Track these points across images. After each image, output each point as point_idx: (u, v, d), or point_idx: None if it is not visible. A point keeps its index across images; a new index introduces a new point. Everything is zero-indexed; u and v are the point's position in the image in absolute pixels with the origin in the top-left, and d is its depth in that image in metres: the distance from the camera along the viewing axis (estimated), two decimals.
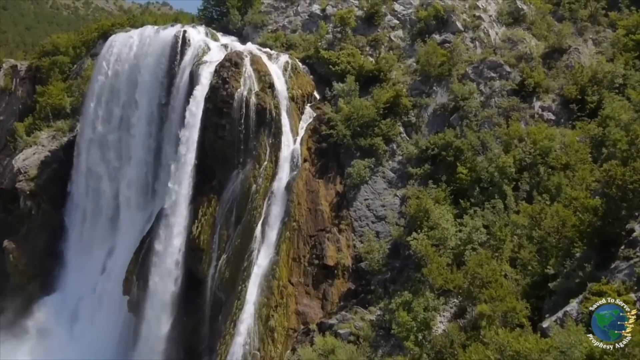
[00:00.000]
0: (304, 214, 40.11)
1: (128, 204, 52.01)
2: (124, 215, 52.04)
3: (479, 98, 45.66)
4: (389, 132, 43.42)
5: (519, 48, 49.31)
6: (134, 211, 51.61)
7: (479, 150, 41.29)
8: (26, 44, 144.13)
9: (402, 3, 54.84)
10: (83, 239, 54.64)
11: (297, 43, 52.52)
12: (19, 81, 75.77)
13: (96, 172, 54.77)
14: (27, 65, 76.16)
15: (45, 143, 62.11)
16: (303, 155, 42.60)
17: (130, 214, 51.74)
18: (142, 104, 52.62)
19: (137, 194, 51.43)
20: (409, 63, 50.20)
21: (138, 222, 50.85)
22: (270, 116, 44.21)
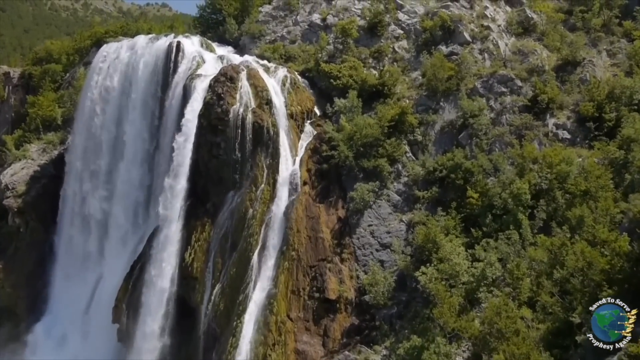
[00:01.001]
0: (304, 242, 36.95)
1: (119, 225, 48.80)
2: (114, 237, 48.84)
3: (489, 114, 42.49)
4: (394, 153, 40.29)
5: (530, 60, 46.10)
6: (125, 233, 48.44)
7: (490, 173, 38.11)
8: (23, 47, 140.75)
9: (407, 12, 51.62)
10: (72, 260, 51.43)
11: (297, 55, 49.27)
12: (12, 89, 72.67)
13: (86, 190, 51.45)
14: (20, 73, 73.05)
15: (35, 157, 58.87)
16: (302, 178, 39.42)
17: (121, 235, 48.57)
18: (134, 118, 49.42)
19: (128, 214, 48.24)
20: (414, 76, 46.98)
21: (129, 244, 47.73)
22: (267, 135, 41.03)
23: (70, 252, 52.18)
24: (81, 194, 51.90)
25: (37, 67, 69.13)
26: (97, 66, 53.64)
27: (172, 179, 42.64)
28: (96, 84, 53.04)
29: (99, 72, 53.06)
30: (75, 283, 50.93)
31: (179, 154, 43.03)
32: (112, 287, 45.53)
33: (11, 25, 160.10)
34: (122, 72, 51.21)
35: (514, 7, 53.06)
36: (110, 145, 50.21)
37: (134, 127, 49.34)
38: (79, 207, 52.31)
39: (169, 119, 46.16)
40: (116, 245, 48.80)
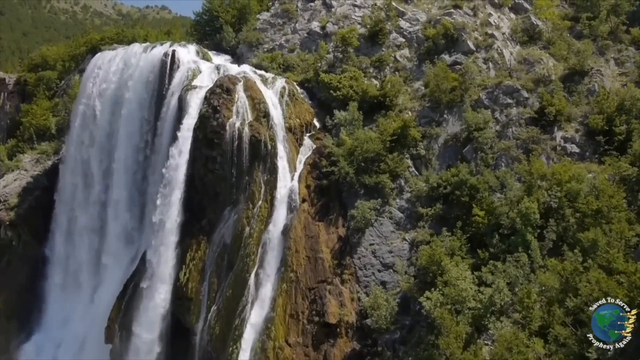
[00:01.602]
0: (303, 263, 35.15)
1: (113, 239, 46.97)
2: (108, 251, 47.01)
3: (495, 127, 40.67)
4: (396, 168, 38.47)
5: (536, 70, 44.27)
6: (119, 247, 46.64)
7: (497, 189, 36.32)
8: (22, 50, 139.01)
9: (408, 19, 49.79)
10: (65, 275, 49.73)
11: (295, 64, 47.45)
12: (7, 95, 71.09)
13: (79, 202, 49.68)
14: (16, 79, 71.37)
15: (29, 167, 57.11)
16: (301, 195, 37.61)
17: (115, 249, 46.74)
18: (128, 130, 47.63)
19: (123, 227, 46.44)
20: (416, 86, 45.14)
21: (123, 259, 45.96)
22: (265, 149, 39.24)
23: (63, 266, 50.52)
24: (74, 207, 50.10)
25: (32, 74, 67.42)
26: (91, 75, 51.98)
27: (167, 194, 40.88)
28: (90, 94, 51.35)
29: (92, 82, 51.37)
30: (68, 298, 49.30)
31: (174, 167, 41.32)
32: (105, 302, 43.83)
33: (10, 28, 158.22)
34: (116, 82, 49.48)
35: (518, 14, 51.32)
36: (103, 156, 48.50)
37: (128, 138, 47.60)
38: (73, 220, 50.60)
39: (164, 131, 44.39)
40: (110, 260, 47.03)
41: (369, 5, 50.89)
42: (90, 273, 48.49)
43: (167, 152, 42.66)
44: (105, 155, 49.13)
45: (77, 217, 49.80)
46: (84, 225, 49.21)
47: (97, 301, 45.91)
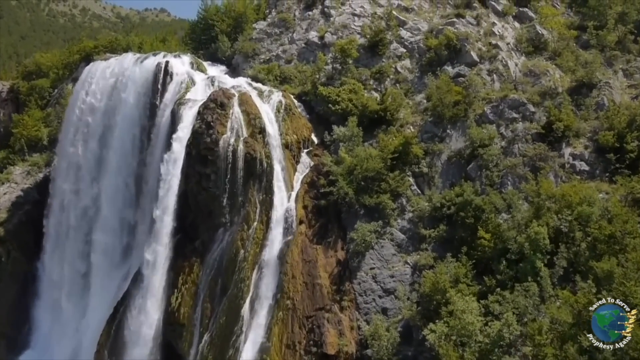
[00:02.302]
0: (300, 289, 33.15)
1: (105, 255, 44.87)
2: (100, 269, 44.89)
3: (500, 143, 38.76)
4: (398, 188, 36.47)
5: (543, 82, 42.40)
6: (111, 265, 44.56)
7: (503, 209, 34.36)
8: (19, 54, 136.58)
9: (409, 29, 47.81)
10: (55, 293, 47.52)
11: (293, 76, 45.47)
12: (0, 103, 68.87)
13: (70, 218, 47.60)
14: (9, 86, 69.13)
15: (19, 180, 55.00)
16: (298, 216, 35.63)
17: (107, 268, 44.65)
18: (120, 143, 45.61)
19: (115, 243, 44.36)
20: (418, 99, 43.17)
21: (115, 277, 43.88)
22: (260, 167, 37.30)
23: (53, 284, 48.30)
24: (65, 222, 48.04)
25: (24, 83, 65.26)
26: (83, 87, 49.97)
27: (159, 213, 38.88)
28: (81, 105, 49.33)
29: (84, 94, 49.34)
30: (59, 317, 47.21)
31: (166, 185, 39.35)
32: (96, 323, 41.89)
33: (8, 32, 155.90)
34: (109, 94, 47.52)
35: (523, 23, 49.36)
36: (94, 170, 46.46)
37: (119, 152, 45.61)
38: (63, 236, 48.49)
39: (157, 146, 42.51)
40: (102, 278, 44.95)
41: (368, 14, 48.91)
42: (81, 291, 46.32)
43: (159, 168, 40.71)
44: (97, 170, 47.11)
45: (67, 233, 47.68)
46: (74, 242, 47.09)
47: (87, 321, 43.91)
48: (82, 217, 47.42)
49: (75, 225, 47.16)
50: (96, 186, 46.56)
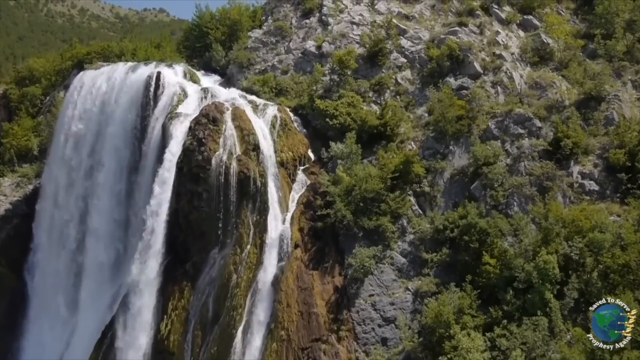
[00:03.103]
0: (295, 319, 31.14)
1: (93, 275, 42.83)
2: (88, 287, 42.85)
3: (505, 160, 36.67)
4: (399, 209, 34.39)
5: (549, 95, 40.33)
6: (101, 284, 42.47)
7: (510, 232, 32.32)
8: (16, 56, 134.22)
9: (410, 37, 45.63)
10: (44, 311, 45.56)
11: (289, 87, 43.30)
12: None
13: (59, 234, 45.57)
14: (2, 92, 66.97)
15: (8, 192, 52.87)
16: (294, 239, 33.60)
17: (96, 286, 42.58)
18: (110, 157, 43.55)
19: (104, 265, 42.30)
20: (419, 113, 41.07)
21: (104, 296, 41.73)
22: (254, 187, 35.26)
23: (43, 300, 46.33)
24: (53, 238, 46.00)
25: (15, 90, 63.04)
26: (73, 97, 47.90)
27: (148, 234, 36.83)
28: (71, 116, 47.28)
29: (74, 103, 47.30)
30: (47, 335, 45.21)
31: (156, 203, 37.29)
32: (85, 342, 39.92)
33: (6, 32, 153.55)
34: (99, 105, 45.44)
35: (527, 32, 47.19)
36: (84, 183, 44.39)
37: (110, 165, 43.53)
38: (52, 253, 46.43)
39: (148, 161, 40.50)
40: (90, 297, 42.90)
41: (368, 23, 46.72)
42: (69, 310, 44.33)
43: (150, 184, 38.70)
44: (87, 184, 45.06)
45: (56, 249, 45.66)
46: (63, 259, 45.09)
47: (76, 341, 41.97)
48: (71, 232, 45.44)
49: (64, 241, 45.16)
50: (86, 200, 44.55)
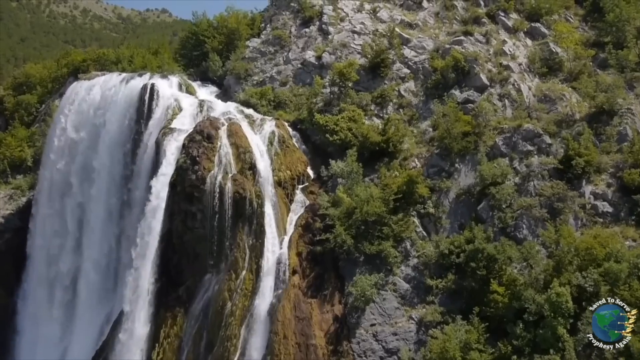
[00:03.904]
0: (292, 351, 29.23)
1: (87, 294, 41.05)
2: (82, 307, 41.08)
3: (514, 179, 34.62)
4: (402, 233, 32.40)
5: (559, 108, 38.31)
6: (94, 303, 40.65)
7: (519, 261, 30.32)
8: (17, 58, 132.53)
9: (413, 47, 43.53)
10: (36, 330, 43.76)
11: (288, 100, 41.27)
12: None
13: (52, 251, 43.78)
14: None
15: (1, 205, 50.93)
16: (291, 265, 31.66)
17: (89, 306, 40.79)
18: (103, 171, 41.77)
19: (96, 283, 40.48)
20: (423, 127, 39.04)
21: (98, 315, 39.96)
22: (250, 208, 33.37)
23: (34, 319, 44.53)
24: (47, 255, 44.19)
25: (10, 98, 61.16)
26: (66, 108, 46.15)
27: (139, 256, 34.95)
28: (64, 128, 45.53)
29: (67, 116, 45.53)
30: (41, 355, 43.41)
31: (148, 223, 35.40)
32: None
33: (7, 34, 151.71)
34: (93, 116, 43.72)
35: (535, 40, 45.08)
36: (76, 201, 42.63)
37: (102, 180, 41.78)
38: (46, 267, 44.64)
39: (140, 179, 38.69)
40: (84, 317, 41.12)
41: (369, 32, 44.62)
42: (62, 329, 42.61)
43: (143, 203, 36.83)
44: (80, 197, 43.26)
45: (49, 266, 43.87)
46: (56, 276, 43.31)
47: None
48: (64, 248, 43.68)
49: (58, 259, 43.38)
50: (79, 217, 42.78)
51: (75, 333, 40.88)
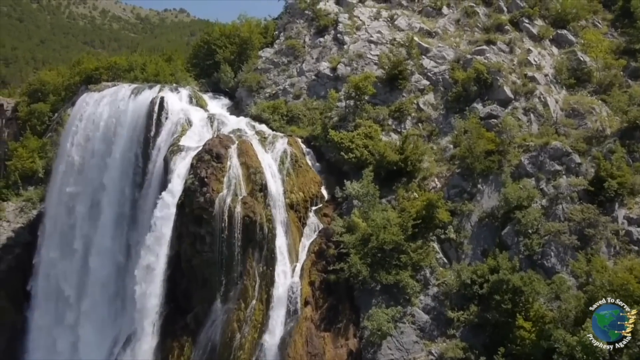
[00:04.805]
0: None
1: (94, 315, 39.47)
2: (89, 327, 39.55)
3: (540, 201, 32.14)
4: (421, 261, 30.17)
5: (588, 124, 35.74)
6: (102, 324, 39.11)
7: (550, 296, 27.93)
8: (37, 60, 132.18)
9: (433, 57, 41.13)
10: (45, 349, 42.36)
11: (301, 114, 39.16)
12: (5, 122, 63.90)
13: (60, 268, 42.29)
14: (14, 104, 64.17)
15: (12, 218, 49.77)
16: (304, 295, 29.65)
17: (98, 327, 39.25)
18: (112, 186, 40.19)
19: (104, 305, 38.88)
20: (443, 144, 36.71)
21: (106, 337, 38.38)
22: (261, 233, 31.36)
23: (43, 338, 43.16)
24: (55, 273, 42.73)
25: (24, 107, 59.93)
26: (76, 120, 44.62)
27: (145, 277, 33.20)
28: (74, 141, 44.00)
29: (76, 129, 43.97)
30: None
31: (155, 245, 33.64)
32: None
33: (28, 36, 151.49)
34: (102, 130, 42.09)
35: (562, 48, 42.42)
36: (84, 221, 40.94)
37: (111, 195, 40.21)
38: (53, 288, 43.19)
39: (148, 198, 36.89)
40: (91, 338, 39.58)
41: (387, 41, 42.28)
42: (70, 349, 41.12)
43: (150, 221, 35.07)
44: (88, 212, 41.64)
45: (57, 284, 42.39)
46: (64, 295, 41.81)
47: None
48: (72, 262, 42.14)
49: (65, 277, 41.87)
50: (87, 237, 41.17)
51: (82, 353, 39.38)
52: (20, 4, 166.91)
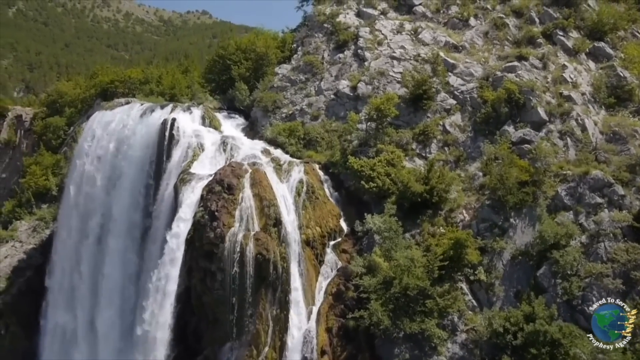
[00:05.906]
0: None
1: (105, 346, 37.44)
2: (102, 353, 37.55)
3: (580, 238, 28.90)
4: (448, 308, 27.25)
5: (631, 149, 32.32)
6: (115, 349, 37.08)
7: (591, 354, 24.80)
8: (60, 65, 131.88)
9: (460, 74, 37.98)
10: None
11: (319, 137, 36.41)
12: (24, 133, 62.80)
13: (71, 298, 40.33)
14: (33, 115, 62.94)
15: (24, 238, 48.18)
16: (320, 343, 27.01)
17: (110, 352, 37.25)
18: (122, 211, 38.14)
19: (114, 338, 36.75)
20: (472, 170, 33.60)
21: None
22: (274, 272, 28.78)
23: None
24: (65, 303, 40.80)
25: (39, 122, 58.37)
26: (86, 141, 42.61)
27: (153, 315, 30.93)
28: (84, 161, 42.04)
29: (87, 151, 41.96)
30: None
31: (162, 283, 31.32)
32: None
33: (52, 39, 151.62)
34: (112, 152, 39.98)
35: (599, 62, 38.87)
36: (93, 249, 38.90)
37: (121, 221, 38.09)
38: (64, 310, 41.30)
39: (159, 228, 34.51)
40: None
41: (410, 57, 39.26)
42: None
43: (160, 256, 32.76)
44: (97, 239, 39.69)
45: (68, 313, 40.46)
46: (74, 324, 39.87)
47: None
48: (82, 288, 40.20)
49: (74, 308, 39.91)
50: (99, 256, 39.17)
51: None
52: (45, 8, 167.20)
